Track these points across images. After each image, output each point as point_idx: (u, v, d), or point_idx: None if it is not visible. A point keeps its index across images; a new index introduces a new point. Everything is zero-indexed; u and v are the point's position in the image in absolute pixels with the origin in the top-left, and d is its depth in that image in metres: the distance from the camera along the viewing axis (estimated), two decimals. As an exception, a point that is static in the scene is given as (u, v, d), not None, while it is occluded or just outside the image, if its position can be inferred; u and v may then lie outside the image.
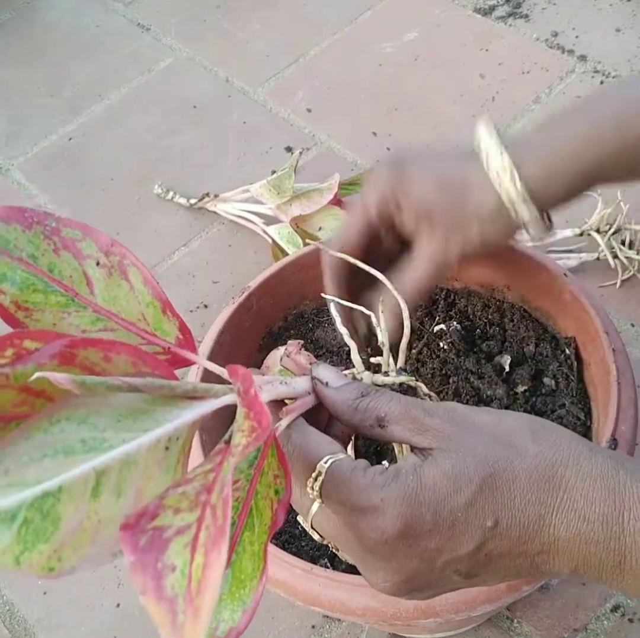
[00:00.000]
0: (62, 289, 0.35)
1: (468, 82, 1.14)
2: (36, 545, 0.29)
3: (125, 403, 0.31)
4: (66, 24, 1.33)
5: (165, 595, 0.26)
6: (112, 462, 0.30)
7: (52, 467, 0.28)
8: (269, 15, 1.28)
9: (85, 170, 1.12)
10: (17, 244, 0.35)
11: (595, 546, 0.38)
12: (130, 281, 0.37)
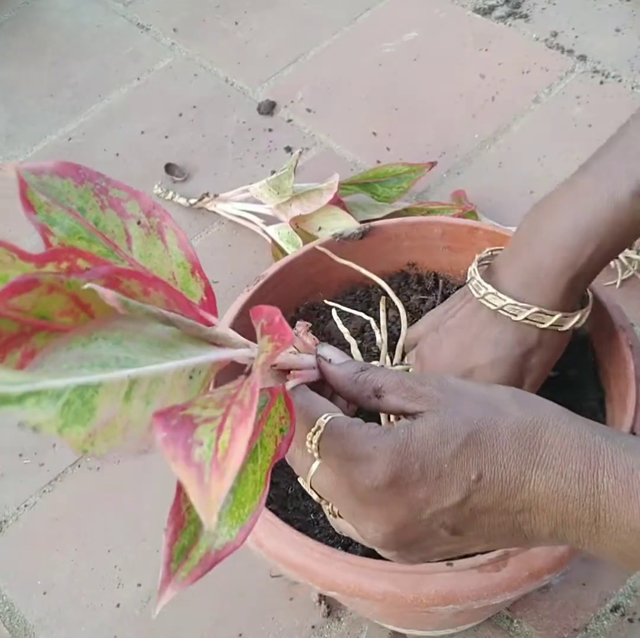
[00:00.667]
0: (103, 241, 0.39)
1: (468, 82, 1.14)
2: (74, 425, 0.32)
3: (156, 334, 0.35)
4: (66, 24, 1.33)
5: (194, 461, 0.30)
6: (144, 375, 0.33)
7: (90, 373, 0.32)
8: (269, 15, 1.28)
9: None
10: (69, 197, 0.38)
11: (572, 503, 0.40)
12: (166, 241, 0.40)
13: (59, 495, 0.84)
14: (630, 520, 0.39)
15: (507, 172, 1.04)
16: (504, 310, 0.58)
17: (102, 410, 0.32)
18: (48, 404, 0.30)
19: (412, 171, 0.97)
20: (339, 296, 0.74)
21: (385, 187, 0.96)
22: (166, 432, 0.31)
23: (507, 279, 0.58)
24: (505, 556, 0.53)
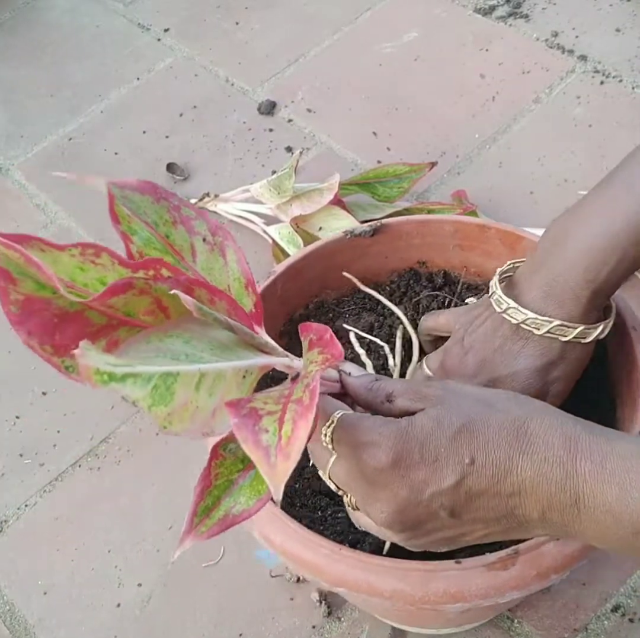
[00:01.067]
0: (173, 252, 0.45)
1: (468, 82, 1.14)
2: (160, 405, 0.38)
3: (218, 337, 0.42)
4: (66, 24, 1.33)
5: (262, 445, 0.36)
6: (210, 370, 0.40)
7: (167, 364, 0.39)
8: (269, 15, 1.28)
9: (85, 170, 1.12)
10: (146, 211, 0.44)
11: (555, 486, 0.44)
12: (226, 258, 0.46)
13: (59, 495, 0.84)
14: (605, 501, 0.43)
15: (507, 172, 1.04)
16: (526, 324, 0.58)
17: (179, 395, 0.39)
18: (142, 385, 0.37)
19: (412, 171, 0.97)
20: (348, 294, 0.74)
21: (385, 187, 0.96)
22: (237, 419, 0.37)
23: (528, 293, 0.59)
24: (514, 555, 0.53)
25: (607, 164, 1.02)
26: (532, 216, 0.98)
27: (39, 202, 1.09)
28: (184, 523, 0.41)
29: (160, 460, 0.85)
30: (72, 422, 0.89)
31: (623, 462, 0.43)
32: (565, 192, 1.00)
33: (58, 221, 1.07)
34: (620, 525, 0.43)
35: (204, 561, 0.79)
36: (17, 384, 0.93)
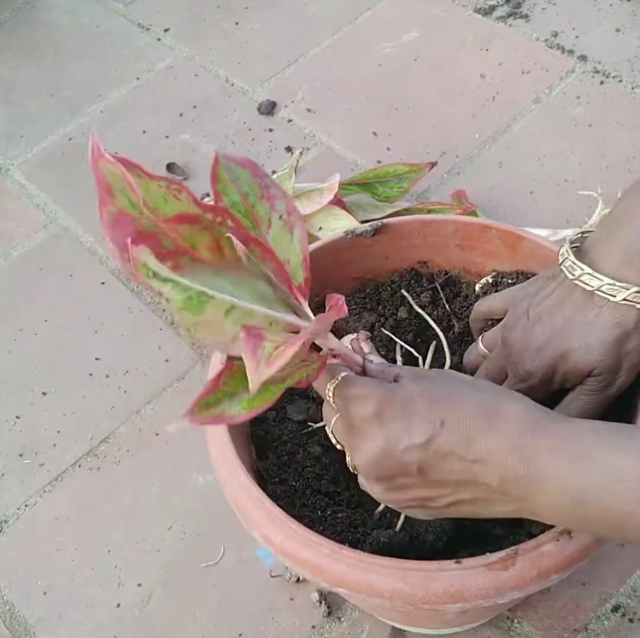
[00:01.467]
0: (252, 219, 0.53)
1: (468, 82, 1.14)
2: (189, 312, 0.46)
3: (260, 289, 0.50)
4: (66, 24, 1.33)
5: (256, 356, 0.45)
6: (241, 306, 0.48)
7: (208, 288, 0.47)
8: (269, 15, 1.28)
9: (85, 170, 1.12)
10: (242, 182, 0.52)
11: (512, 457, 0.48)
12: (293, 235, 0.54)
13: (59, 495, 0.84)
14: (556, 474, 0.47)
15: (507, 172, 1.04)
16: (601, 291, 0.56)
17: (209, 313, 0.47)
18: (179, 292, 0.46)
19: (412, 171, 0.97)
20: (349, 294, 0.74)
21: (385, 187, 0.96)
22: (247, 336, 0.45)
23: (603, 259, 0.57)
24: (514, 555, 0.53)
25: (607, 164, 1.02)
26: (532, 216, 0.98)
27: (39, 202, 1.09)
28: (187, 409, 0.47)
29: (160, 460, 0.86)
30: (72, 422, 0.89)
31: (575, 437, 0.48)
32: (565, 192, 1.00)
33: (58, 221, 1.07)
34: (566, 496, 0.47)
35: (204, 561, 0.79)
36: (17, 384, 0.93)
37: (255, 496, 0.58)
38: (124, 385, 0.91)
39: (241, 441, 0.64)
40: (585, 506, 0.47)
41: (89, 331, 0.96)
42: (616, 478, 0.46)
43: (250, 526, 0.58)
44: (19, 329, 0.97)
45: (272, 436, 0.67)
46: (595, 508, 0.47)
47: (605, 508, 0.46)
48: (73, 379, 0.92)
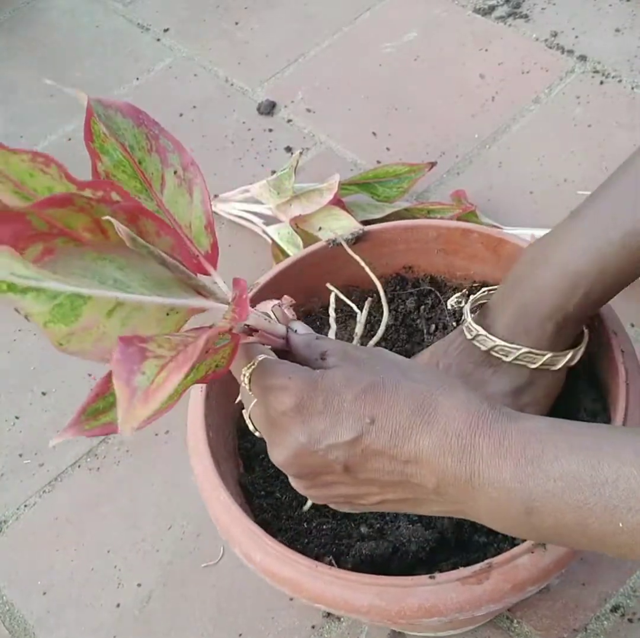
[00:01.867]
0: (142, 179, 0.45)
1: (468, 82, 1.14)
2: (59, 323, 0.38)
3: (154, 272, 0.42)
4: (66, 24, 1.33)
5: (132, 384, 0.35)
6: (129, 300, 0.40)
7: (87, 285, 0.39)
8: (269, 15, 1.28)
9: (85, 170, 1.12)
10: (125, 134, 0.45)
11: (451, 459, 0.44)
12: (192, 196, 0.47)
13: (59, 495, 0.84)
14: (499, 478, 0.43)
15: (507, 172, 1.04)
16: (495, 351, 0.60)
17: (86, 318, 0.39)
18: (44, 301, 0.37)
19: (412, 171, 0.97)
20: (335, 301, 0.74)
21: (385, 187, 0.96)
22: (121, 355, 0.36)
23: (499, 320, 0.60)
24: (487, 569, 0.53)
25: (606, 164, 1.02)
26: (532, 216, 0.98)
27: (39, 203, 1.09)
28: (72, 418, 0.42)
29: (160, 460, 0.86)
30: (72, 422, 0.89)
31: (521, 437, 0.43)
32: (564, 192, 1.00)
33: (58, 221, 1.07)
34: (513, 503, 0.43)
35: (204, 561, 0.79)
36: (17, 384, 0.93)
37: (234, 515, 0.58)
38: (124, 385, 0.91)
39: (227, 455, 0.64)
40: (535, 517, 0.43)
41: (88, 331, 0.96)
42: (573, 486, 0.42)
43: (232, 544, 0.59)
44: (19, 330, 0.97)
45: (259, 449, 0.67)
46: (550, 521, 0.43)
47: (562, 522, 0.42)
48: (73, 379, 0.92)
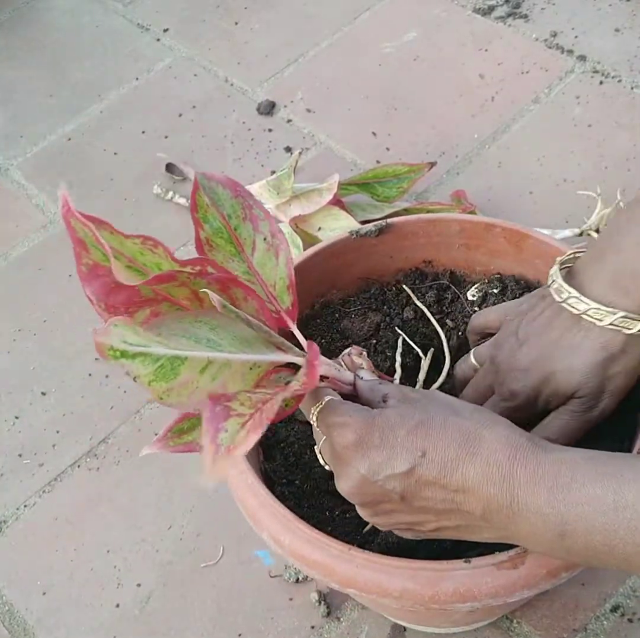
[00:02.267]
0: (236, 243, 0.53)
1: (467, 82, 1.14)
2: (160, 382, 0.45)
3: (241, 331, 0.49)
4: (66, 24, 1.33)
5: (216, 441, 0.42)
6: (219, 358, 0.47)
7: (185, 345, 0.46)
8: (269, 15, 1.28)
9: (85, 170, 1.12)
10: (224, 204, 0.52)
11: (494, 487, 0.48)
12: (278, 259, 0.54)
13: (58, 495, 0.84)
14: (535, 503, 0.47)
15: (507, 172, 1.04)
16: (588, 315, 0.56)
17: (183, 376, 0.46)
18: (149, 364, 0.44)
19: (411, 171, 0.97)
20: (353, 294, 0.74)
21: (385, 187, 0.96)
22: (210, 413, 0.43)
23: (591, 282, 0.56)
24: (523, 554, 0.53)
25: (606, 164, 1.02)
26: (532, 216, 0.98)
27: (39, 202, 1.09)
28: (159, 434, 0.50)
29: (160, 460, 0.85)
30: (72, 422, 0.89)
31: (554, 467, 0.47)
32: (564, 192, 1.00)
33: (57, 220, 1.07)
34: (548, 527, 0.47)
35: (203, 561, 0.79)
36: (16, 384, 0.93)
37: (264, 498, 0.58)
38: (124, 385, 0.91)
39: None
40: (568, 540, 0.46)
41: (88, 331, 0.96)
42: (598, 510, 0.45)
43: (259, 528, 0.58)
44: (18, 330, 0.97)
45: (279, 438, 0.67)
46: (581, 543, 0.46)
47: (591, 544, 0.46)
48: (72, 380, 0.92)
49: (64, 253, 1.03)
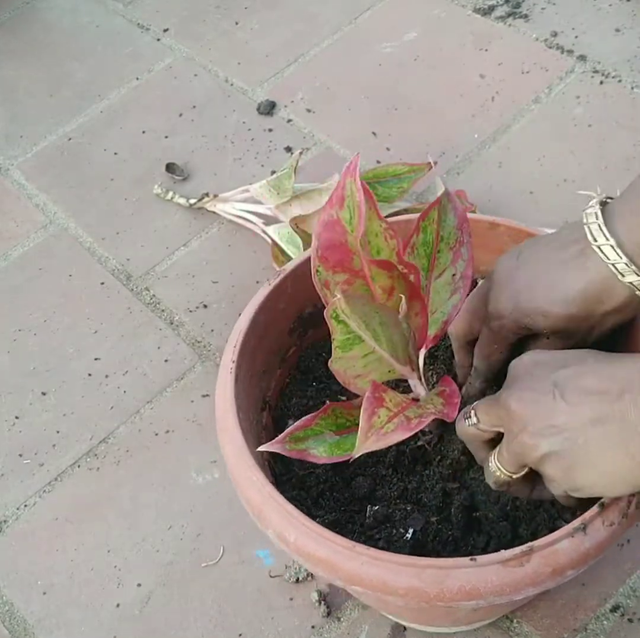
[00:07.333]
0: (431, 262, 0.59)
1: (468, 82, 1.14)
2: (339, 350, 0.54)
3: (395, 336, 0.55)
4: (66, 24, 1.33)
5: (371, 421, 0.51)
6: (377, 352, 0.55)
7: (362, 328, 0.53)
8: (269, 15, 1.28)
9: (85, 170, 1.12)
10: (446, 225, 0.60)
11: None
12: (452, 297, 0.59)
13: (59, 495, 0.84)
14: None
15: (507, 172, 1.04)
16: (615, 266, 0.54)
17: (352, 352, 0.54)
18: (342, 333, 0.53)
19: (412, 171, 0.96)
20: None
21: (385, 187, 0.96)
22: (371, 395, 0.52)
23: (626, 234, 0.54)
24: (528, 552, 0.53)
25: (606, 164, 1.02)
26: (532, 215, 0.98)
27: (39, 202, 1.09)
28: (280, 436, 0.57)
29: (160, 460, 0.85)
30: (72, 422, 0.89)
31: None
32: (565, 192, 1.00)
33: (57, 221, 1.07)
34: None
35: (204, 561, 0.79)
36: (17, 384, 0.93)
37: (269, 495, 0.57)
38: (124, 385, 0.91)
39: (253, 439, 0.64)
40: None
41: (88, 331, 0.96)
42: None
43: (264, 525, 0.58)
44: (18, 330, 0.97)
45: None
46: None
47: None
48: (72, 380, 0.92)
49: (64, 253, 1.04)
